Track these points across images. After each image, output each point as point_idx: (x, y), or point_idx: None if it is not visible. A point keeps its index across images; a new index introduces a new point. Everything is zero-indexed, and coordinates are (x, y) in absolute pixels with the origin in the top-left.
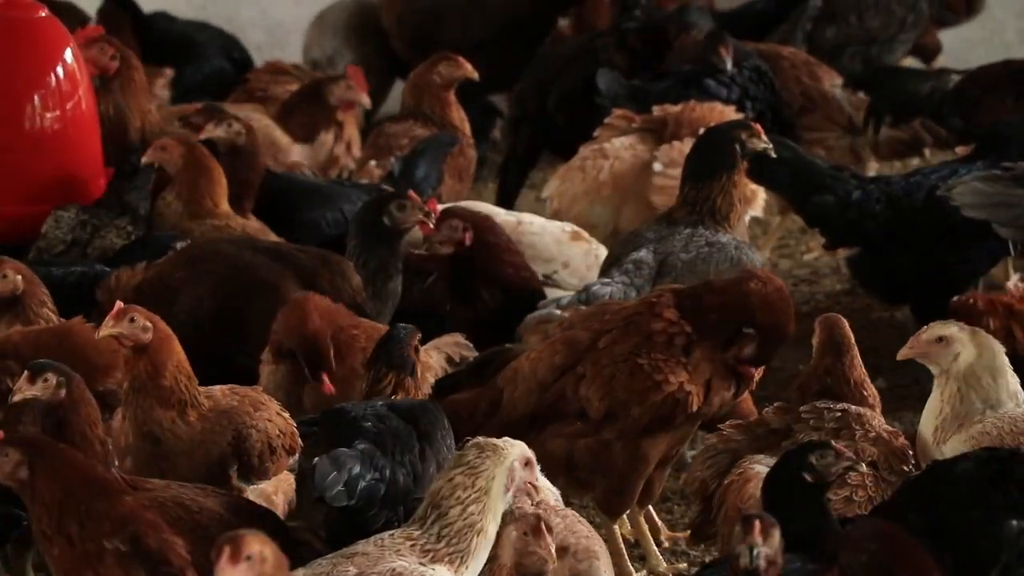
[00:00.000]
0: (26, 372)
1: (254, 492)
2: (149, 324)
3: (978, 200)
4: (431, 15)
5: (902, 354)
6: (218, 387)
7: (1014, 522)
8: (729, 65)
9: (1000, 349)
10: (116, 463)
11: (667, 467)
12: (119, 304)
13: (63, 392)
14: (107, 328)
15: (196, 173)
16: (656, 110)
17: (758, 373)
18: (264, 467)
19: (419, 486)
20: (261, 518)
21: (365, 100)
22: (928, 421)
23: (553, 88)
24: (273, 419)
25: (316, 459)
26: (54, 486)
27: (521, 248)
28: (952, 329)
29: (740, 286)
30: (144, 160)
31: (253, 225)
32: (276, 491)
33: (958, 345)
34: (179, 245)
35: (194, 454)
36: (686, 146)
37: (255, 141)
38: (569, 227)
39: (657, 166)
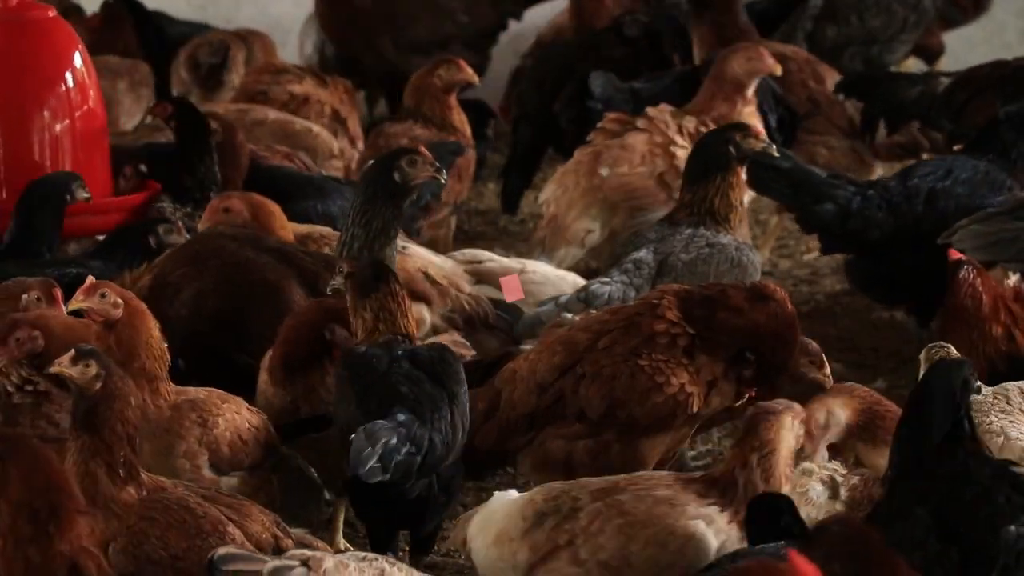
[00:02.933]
0: (72, 351)
1: (227, 485)
2: (120, 300)
3: (979, 242)
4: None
5: None
6: (192, 388)
7: (1012, 527)
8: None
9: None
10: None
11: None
12: (90, 279)
13: (99, 384)
14: (76, 302)
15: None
16: (650, 111)
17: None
18: (237, 458)
19: (450, 452)
20: (266, 522)
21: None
22: None
23: (552, 88)
24: (242, 412)
25: (352, 435)
26: (19, 489)
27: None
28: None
29: (754, 313)
30: (200, 226)
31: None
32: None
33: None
34: (161, 229)
35: (159, 441)
36: (629, 142)
37: (235, 138)
38: (571, 277)
39: (604, 171)
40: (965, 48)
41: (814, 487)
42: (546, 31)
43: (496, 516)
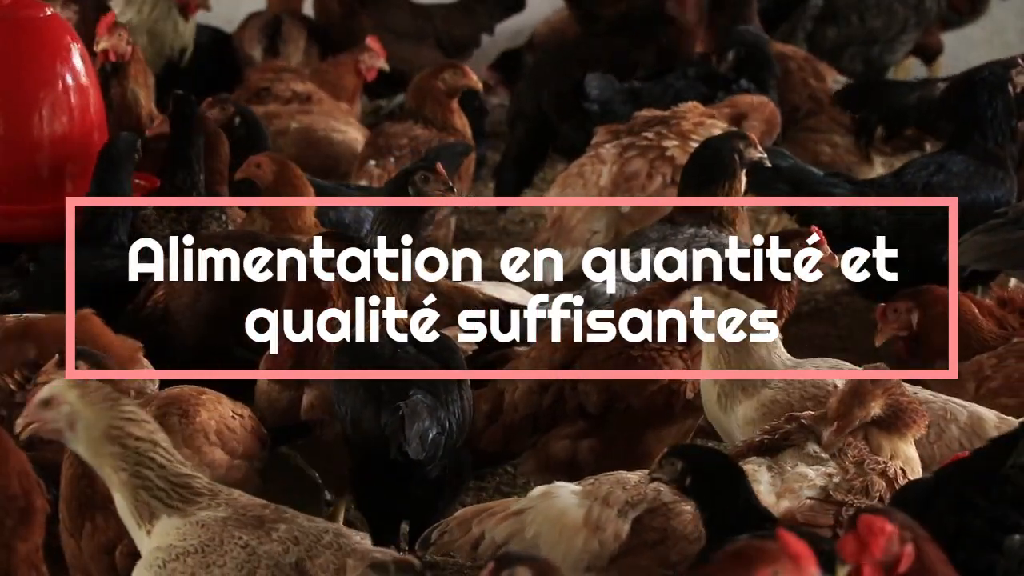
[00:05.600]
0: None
1: (215, 476)
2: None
3: (984, 253)
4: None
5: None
6: (166, 389)
7: (1016, 536)
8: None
9: (748, 308)
10: None
11: None
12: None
13: None
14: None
15: (285, 190)
16: (646, 112)
17: None
18: (229, 446)
19: (461, 435)
20: None
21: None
22: (708, 390)
23: (550, 87)
24: (223, 401)
25: (400, 410)
26: None
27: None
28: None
29: None
30: (237, 176)
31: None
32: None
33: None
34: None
35: None
36: (629, 171)
37: (213, 129)
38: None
39: (625, 210)
40: (965, 48)
41: (804, 493)
42: (543, 31)
43: (571, 506)
